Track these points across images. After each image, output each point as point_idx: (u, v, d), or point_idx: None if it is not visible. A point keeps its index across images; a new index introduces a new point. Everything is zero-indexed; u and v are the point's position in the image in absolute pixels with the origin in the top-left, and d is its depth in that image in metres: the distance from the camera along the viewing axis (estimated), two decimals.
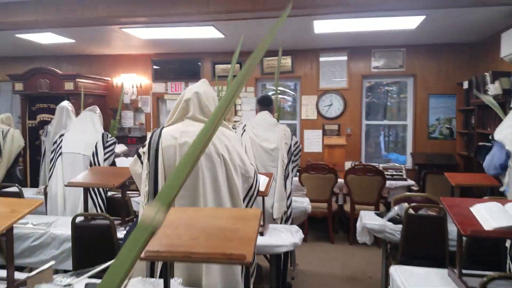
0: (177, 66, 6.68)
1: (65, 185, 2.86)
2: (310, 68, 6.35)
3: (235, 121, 6.36)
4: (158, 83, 6.84)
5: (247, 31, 5.26)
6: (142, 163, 2.00)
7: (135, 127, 6.87)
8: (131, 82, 6.77)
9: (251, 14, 3.40)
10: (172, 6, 3.30)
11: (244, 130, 3.52)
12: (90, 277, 1.93)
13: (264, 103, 3.62)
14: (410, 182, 5.50)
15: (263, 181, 2.70)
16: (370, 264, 4.37)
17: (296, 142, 3.62)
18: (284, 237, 2.62)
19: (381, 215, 3.50)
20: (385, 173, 5.33)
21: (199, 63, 6.62)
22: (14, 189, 3.85)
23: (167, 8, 3.28)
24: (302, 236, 2.78)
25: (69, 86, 6.05)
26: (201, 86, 2.02)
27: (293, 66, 6.34)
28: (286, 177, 3.37)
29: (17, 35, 5.33)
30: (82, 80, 6.23)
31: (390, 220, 3.30)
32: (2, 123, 5.50)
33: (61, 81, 6.07)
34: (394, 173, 5.64)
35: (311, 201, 5.07)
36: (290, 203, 3.40)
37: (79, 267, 2.53)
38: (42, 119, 6.24)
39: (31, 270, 2.97)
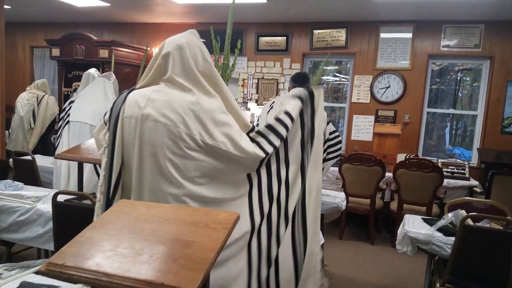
0: (219, 38, 6.20)
1: (55, 157, 2.54)
2: (367, 44, 5.61)
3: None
4: None
5: None
6: None
7: None
8: None
9: None
10: None
11: (272, 107, 3.01)
12: (38, 272, 1.56)
13: (298, 80, 3.08)
14: (473, 182, 4.70)
15: None
16: (415, 273, 3.74)
17: (334, 131, 3.05)
18: None
19: (429, 221, 2.86)
20: (444, 169, 4.59)
21: (243, 35, 6.10)
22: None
23: None
24: (321, 241, 2.26)
25: (104, 53, 5.84)
26: (185, 37, 1.53)
27: (347, 41, 5.63)
28: None
29: None
30: (118, 48, 5.98)
31: (440, 229, 2.66)
32: (38, 89, 5.47)
33: (96, 48, 5.87)
34: (455, 170, 4.86)
35: (352, 195, 4.51)
36: None
37: None
38: (77, 86, 6.11)
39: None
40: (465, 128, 6.02)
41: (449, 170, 4.83)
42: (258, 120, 3.13)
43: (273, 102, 3.03)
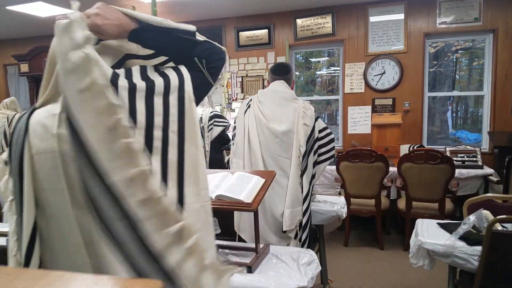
0: None
1: None
2: (356, 29, 5.14)
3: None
4: None
5: None
6: None
7: None
8: None
9: None
10: None
11: (249, 106, 2.54)
12: None
13: (279, 71, 2.60)
14: (488, 170, 4.23)
15: (252, 187, 1.71)
16: (433, 282, 3.27)
17: (325, 128, 2.56)
18: (283, 277, 1.63)
19: (447, 227, 2.37)
20: (454, 158, 4.12)
21: (221, 32, 5.63)
22: None
23: None
24: (316, 270, 1.78)
25: None
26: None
27: (334, 28, 5.16)
28: (303, 172, 2.36)
29: (8, 8, 4.73)
30: None
31: (462, 238, 2.18)
32: (7, 108, 5.05)
33: None
34: (466, 158, 4.39)
35: (354, 196, 4.03)
36: (307, 209, 2.38)
37: None
38: None
39: None
40: (466, 110, 5.57)
41: (459, 158, 4.36)
42: (235, 123, 2.64)
43: (250, 101, 2.55)
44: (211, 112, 3.82)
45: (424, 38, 4.94)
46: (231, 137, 2.96)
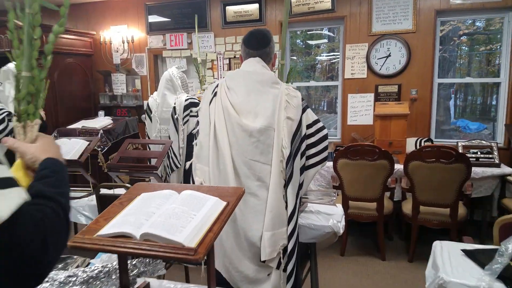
0: (177, 11, 5.08)
1: None
2: (359, 4, 4.51)
3: None
4: (155, 36, 5.31)
5: None
6: None
7: (128, 94, 5.45)
8: (121, 36, 5.33)
9: None
10: None
11: (215, 94, 1.93)
12: None
13: (254, 43, 1.97)
14: (506, 169, 3.70)
15: (202, 218, 1.13)
16: None
17: (315, 122, 1.91)
18: None
19: (474, 256, 1.81)
20: (467, 155, 3.56)
21: (206, 6, 4.97)
22: None
23: None
24: None
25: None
26: None
27: (334, 3, 4.51)
28: (287, 182, 1.78)
29: None
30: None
31: (499, 276, 1.63)
32: None
33: None
34: (480, 155, 3.83)
35: (353, 199, 3.48)
36: (294, 229, 1.81)
37: None
38: None
39: None
40: (465, 97, 5.01)
41: (472, 155, 3.80)
42: (198, 116, 2.04)
43: (217, 86, 1.95)
44: (186, 100, 3.16)
45: (435, 16, 4.31)
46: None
